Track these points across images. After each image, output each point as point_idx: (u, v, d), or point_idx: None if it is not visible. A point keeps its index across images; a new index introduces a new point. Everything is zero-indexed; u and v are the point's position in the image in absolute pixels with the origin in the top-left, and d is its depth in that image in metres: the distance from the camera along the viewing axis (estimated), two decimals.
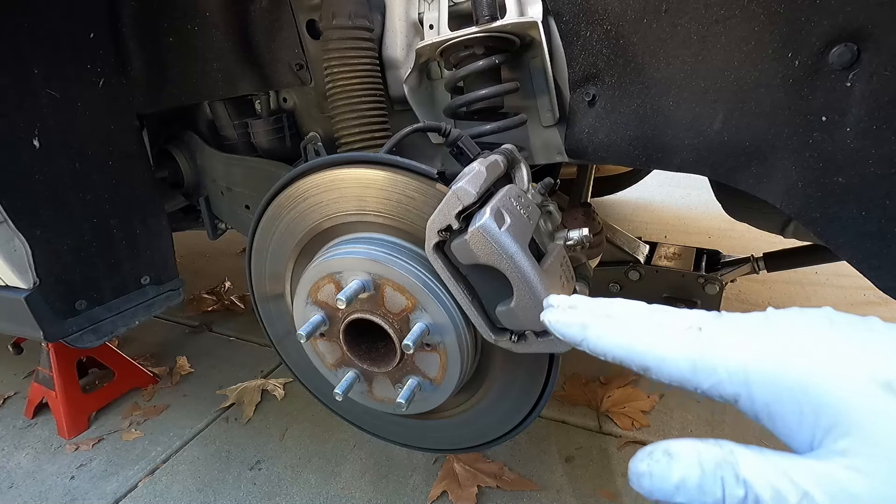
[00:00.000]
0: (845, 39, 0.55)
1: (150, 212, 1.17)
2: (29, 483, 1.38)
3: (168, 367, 1.86)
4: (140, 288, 1.19)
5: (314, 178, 0.75)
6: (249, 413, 1.57)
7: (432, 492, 1.22)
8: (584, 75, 0.80)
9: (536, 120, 0.92)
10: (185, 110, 1.31)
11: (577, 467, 1.27)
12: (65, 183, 1.01)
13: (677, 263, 1.38)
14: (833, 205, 0.60)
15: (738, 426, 1.37)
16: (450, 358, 0.71)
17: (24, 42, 0.91)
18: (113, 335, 1.15)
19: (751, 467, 0.27)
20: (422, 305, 0.69)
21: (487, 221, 0.56)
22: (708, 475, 0.27)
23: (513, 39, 0.82)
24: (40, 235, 0.99)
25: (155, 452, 1.45)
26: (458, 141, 0.74)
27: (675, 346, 0.31)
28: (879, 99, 0.54)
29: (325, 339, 0.79)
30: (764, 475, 0.26)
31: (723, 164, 0.70)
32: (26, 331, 1.06)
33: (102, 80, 1.03)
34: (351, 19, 0.86)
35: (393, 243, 0.73)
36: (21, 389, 1.80)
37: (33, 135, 0.94)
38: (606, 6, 0.73)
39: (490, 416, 0.84)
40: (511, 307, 0.59)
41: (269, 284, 0.91)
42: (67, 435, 1.54)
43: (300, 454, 1.39)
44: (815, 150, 0.60)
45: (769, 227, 1.15)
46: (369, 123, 0.91)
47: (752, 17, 0.62)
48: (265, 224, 0.84)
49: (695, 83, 0.69)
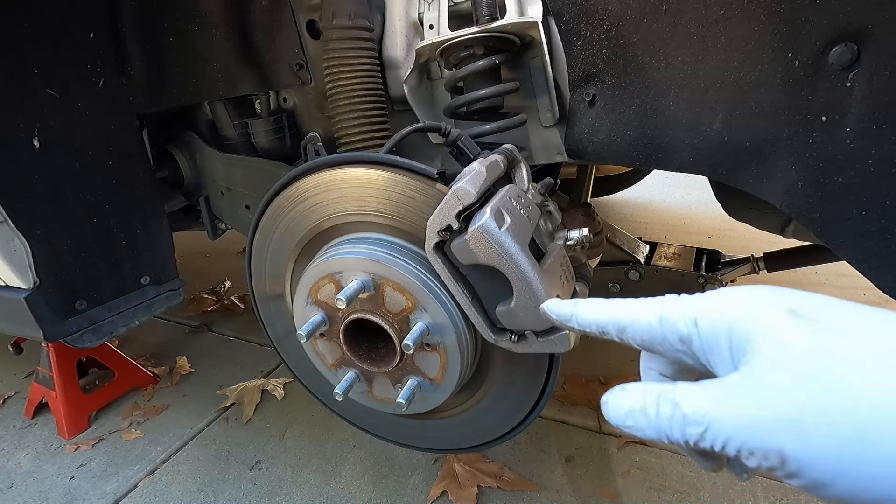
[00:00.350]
0: (845, 39, 0.55)
1: (150, 212, 1.17)
2: (29, 483, 1.38)
3: (168, 367, 1.86)
4: (140, 288, 1.19)
5: (314, 178, 0.75)
6: (249, 413, 1.57)
7: (432, 492, 1.22)
8: (584, 75, 0.80)
9: (536, 120, 0.92)
10: (185, 110, 1.31)
11: (577, 467, 1.27)
12: (65, 183, 1.01)
13: (677, 263, 1.38)
14: (833, 205, 0.60)
15: None
16: (450, 358, 0.71)
17: (24, 42, 0.91)
18: (113, 335, 1.15)
19: (683, 394, 0.32)
20: (422, 305, 0.69)
21: (487, 221, 0.56)
22: (649, 402, 0.33)
23: (513, 39, 0.82)
24: (40, 235, 0.99)
25: (155, 452, 1.45)
26: (458, 141, 0.74)
27: (646, 307, 0.37)
28: (879, 99, 0.54)
29: (325, 339, 0.79)
30: (691, 397, 0.31)
31: (723, 164, 0.70)
32: (26, 331, 1.06)
33: (102, 80, 1.03)
34: (351, 19, 0.86)
35: (393, 243, 0.73)
36: (21, 389, 1.80)
37: (33, 135, 0.94)
38: (606, 6, 0.73)
39: (490, 416, 0.84)
40: (511, 307, 0.59)
41: (269, 284, 0.91)
42: (67, 435, 1.54)
43: (300, 454, 1.39)
44: (815, 150, 0.60)
45: (769, 227, 1.15)
46: (369, 123, 0.91)
47: (752, 17, 0.62)
48: (265, 224, 0.84)
49: (695, 83, 0.69)
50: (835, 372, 0.27)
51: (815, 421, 0.27)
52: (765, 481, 1.19)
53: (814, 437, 0.26)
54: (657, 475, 1.23)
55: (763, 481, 1.19)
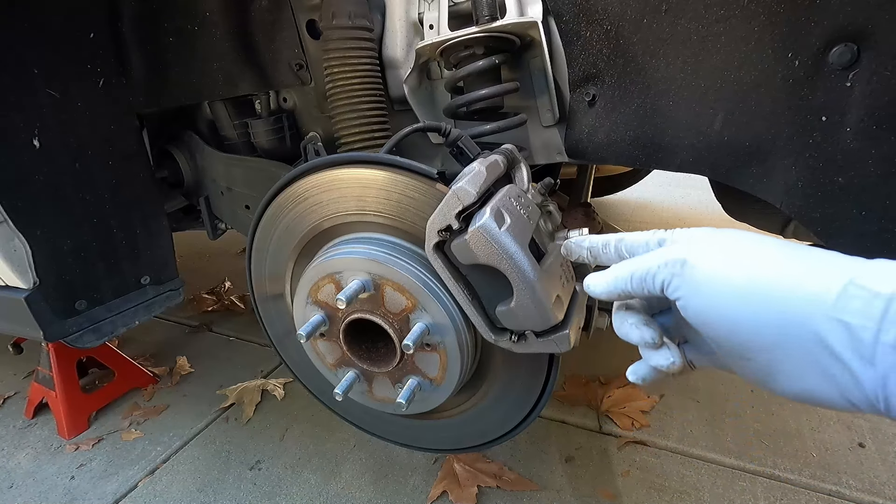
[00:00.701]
0: (845, 39, 0.55)
1: (150, 212, 1.17)
2: (29, 483, 1.38)
3: (168, 367, 1.86)
4: (140, 288, 1.19)
5: (314, 178, 0.75)
6: (249, 413, 1.57)
7: (432, 492, 1.22)
8: (584, 75, 0.80)
9: (536, 120, 0.92)
10: (185, 110, 1.31)
11: (577, 467, 1.27)
12: (65, 183, 1.01)
13: None
14: (833, 205, 0.60)
15: (738, 426, 1.37)
16: (450, 358, 0.71)
17: (24, 42, 0.91)
18: (113, 335, 1.15)
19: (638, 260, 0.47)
20: (422, 305, 0.69)
21: (487, 221, 0.56)
22: (597, 244, 0.55)
23: (513, 39, 0.82)
24: (40, 235, 0.99)
25: (155, 452, 1.45)
26: (458, 141, 0.75)
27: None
28: (879, 99, 0.54)
29: (325, 339, 0.79)
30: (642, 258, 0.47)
31: (723, 164, 0.70)
32: (26, 331, 1.06)
33: (102, 80, 1.03)
34: (351, 19, 0.86)
35: (393, 243, 0.73)
36: (21, 389, 1.80)
37: (33, 135, 0.95)
38: (606, 6, 0.73)
39: (490, 415, 0.84)
40: (511, 307, 0.59)
41: (269, 284, 0.91)
42: (67, 435, 1.54)
43: (300, 454, 1.39)
44: (815, 150, 0.60)
45: (769, 227, 1.15)
46: (369, 123, 0.91)
47: (752, 17, 0.62)
48: (265, 224, 0.84)
49: (695, 83, 0.69)
50: (705, 238, 0.45)
51: (697, 256, 0.43)
52: (765, 481, 1.19)
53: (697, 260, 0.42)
54: (657, 475, 1.23)
55: (763, 481, 1.19)
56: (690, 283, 0.42)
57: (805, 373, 0.38)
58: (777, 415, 1.40)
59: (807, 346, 0.37)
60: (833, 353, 0.37)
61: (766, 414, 1.41)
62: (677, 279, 0.43)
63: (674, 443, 1.33)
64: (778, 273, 0.39)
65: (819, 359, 0.37)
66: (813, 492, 1.16)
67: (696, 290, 0.42)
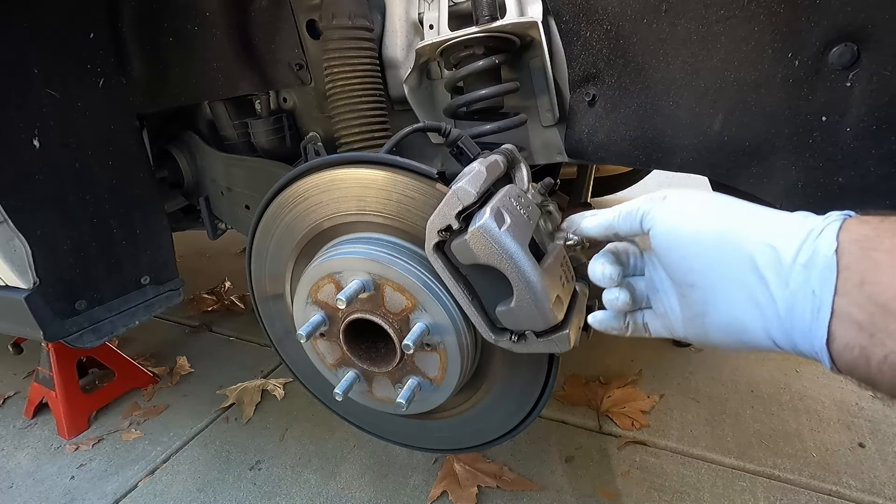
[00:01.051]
0: (845, 39, 0.55)
1: (150, 212, 1.17)
2: (29, 483, 1.38)
3: (168, 367, 1.86)
4: (140, 288, 1.19)
5: (314, 178, 0.75)
6: (249, 413, 1.57)
7: (432, 492, 1.22)
8: (584, 75, 0.80)
9: (536, 120, 0.92)
10: (185, 110, 1.31)
11: (577, 467, 1.27)
12: (65, 183, 1.01)
13: None
14: (833, 205, 0.60)
15: (738, 426, 1.37)
16: (450, 358, 0.71)
17: (24, 42, 0.91)
18: (113, 335, 1.15)
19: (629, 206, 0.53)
20: (422, 305, 0.69)
21: (487, 221, 0.55)
22: (615, 216, 0.55)
23: (513, 39, 0.82)
24: (40, 235, 0.99)
25: (155, 452, 1.45)
26: (458, 141, 0.75)
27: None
28: (879, 99, 0.54)
29: (325, 339, 0.79)
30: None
31: (723, 164, 0.70)
32: (26, 331, 1.06)
33: (102, 80, 1.03)
34: (351, 19, 0.86)
35: (393, 243, 0.73)
36: (21, 389, 1.80)
37: (33, 135, 0.95)
38: (606, 6, 0.73)
39: (490, 415, 0.84)
40: (511, 307, 0.59)
41: (269, 284, 0.91)
42: (67, 435, 1.54)
43: (300, 454, 1.39)
44: (815, 150, 0.60)
45: None
46: (369, 123, 0.91)
47: (752, 17, 0.62)
48: (265, 224, 0.84)
49: (695, 83, 0.69)
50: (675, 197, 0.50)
51: (675, 194, 0.50)
52: (765, 481, 1.19)
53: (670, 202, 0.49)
54: (657, 475, 1.23)
55: (763, 481, 1.19)
56: (662, 212, 0.49)
57: (736, 299, 0.42)
58: (777, 415, 1.40)
59: (740, 267, 0.42)
60: (759, 275, 0.40)
61: (766, 414, 1.41)
62: (654, 210, 0.49)
63: (674, 443, 1.33)
64: (732, 208, 0.46)
65: (748, 281, 0.41)
66: (813, 492, 1.16)
67: (664, 217, 0.48)
